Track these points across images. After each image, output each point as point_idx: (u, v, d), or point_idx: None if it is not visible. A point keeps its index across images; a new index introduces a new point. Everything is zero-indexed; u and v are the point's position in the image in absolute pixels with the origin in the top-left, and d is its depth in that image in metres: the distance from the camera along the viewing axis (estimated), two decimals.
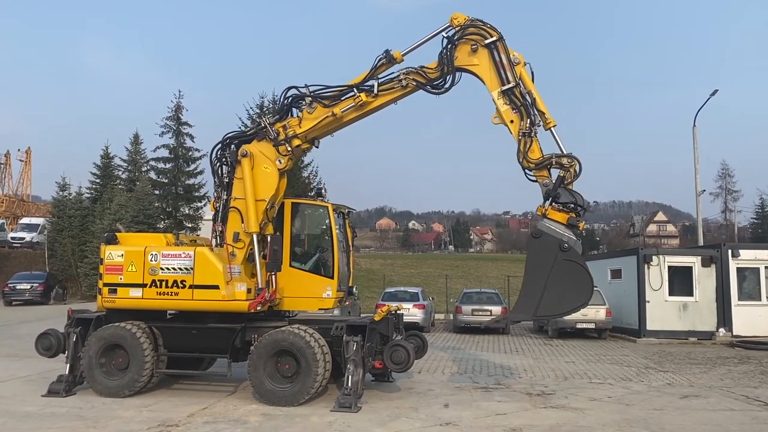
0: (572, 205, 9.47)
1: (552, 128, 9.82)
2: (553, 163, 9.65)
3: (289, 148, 10.48)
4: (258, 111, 34.16)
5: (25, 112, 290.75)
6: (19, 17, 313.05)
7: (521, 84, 9.84)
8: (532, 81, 9.96)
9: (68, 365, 10.23)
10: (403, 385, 11.38)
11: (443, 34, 10.19)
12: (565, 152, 9.71)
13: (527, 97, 9.83)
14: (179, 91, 42.53)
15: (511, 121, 9.85)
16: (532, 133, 9.74)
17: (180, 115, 38.32)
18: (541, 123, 9.82)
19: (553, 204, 9.53)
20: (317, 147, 11.01)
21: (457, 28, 10.12)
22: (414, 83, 10.20)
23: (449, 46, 10.11)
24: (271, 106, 32.35)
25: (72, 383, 10.21)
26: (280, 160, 10.47)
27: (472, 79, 10.23)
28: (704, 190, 29.46)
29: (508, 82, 9.85)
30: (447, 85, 10.26)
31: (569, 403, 10.08)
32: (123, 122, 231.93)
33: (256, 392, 9.68)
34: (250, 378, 9.66)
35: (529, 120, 9.74)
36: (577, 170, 9.60)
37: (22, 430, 8.09)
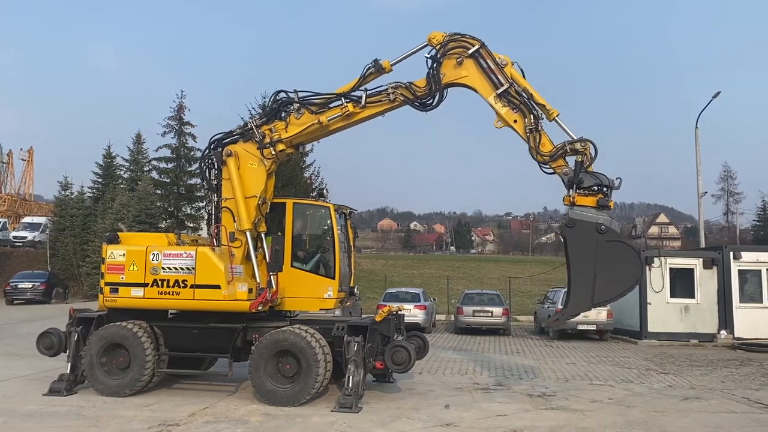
0: (597, 187, 9.42)
1: (556, 118, 9.78)
2: (567, 150, 9.60)
3: (273, 152, 10.45)
4: (260, 111, 34.20)
5: (28, 112, 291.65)
6: (24, 17, 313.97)
7: (515, 83, 9.81)
8: (524, 77, 9.93)
9: (69, 364, 10.23)
10: (404, 386, 11.38)
11: (425, 55, 10.12)
12: (575, 137, 9.65)
13: (523, 94, 9.79)
14: (181, 91, 42.99)
15: (515, 121, 9.82)
16: (539, 128, 9.70)
17: (182, 115, 38.46)
18: (544, 116, 9.77)
19: (579, 190, 9.46)
20: (303, 153, 10.96)
21: (437, 47, 10.07)
22: (402, 98, 10.17)
23: (434, 65, 10.05)
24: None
25: (73, 382, 10.22)
26: (263, 162, 10.46)
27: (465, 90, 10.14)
28: (706, 192, 29.45)
29: (501, 85, 9.83)
30: (434, 103, 10.24)
31: (570, 405, 10.08)
32: (125, 122, 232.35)
33: (257, 392, 9.68)
34: (251, 378, 9.67)
35: (532, 115, 9.71)
36: (593, 152, 9.52)
37: (24, 429, 8.11)
